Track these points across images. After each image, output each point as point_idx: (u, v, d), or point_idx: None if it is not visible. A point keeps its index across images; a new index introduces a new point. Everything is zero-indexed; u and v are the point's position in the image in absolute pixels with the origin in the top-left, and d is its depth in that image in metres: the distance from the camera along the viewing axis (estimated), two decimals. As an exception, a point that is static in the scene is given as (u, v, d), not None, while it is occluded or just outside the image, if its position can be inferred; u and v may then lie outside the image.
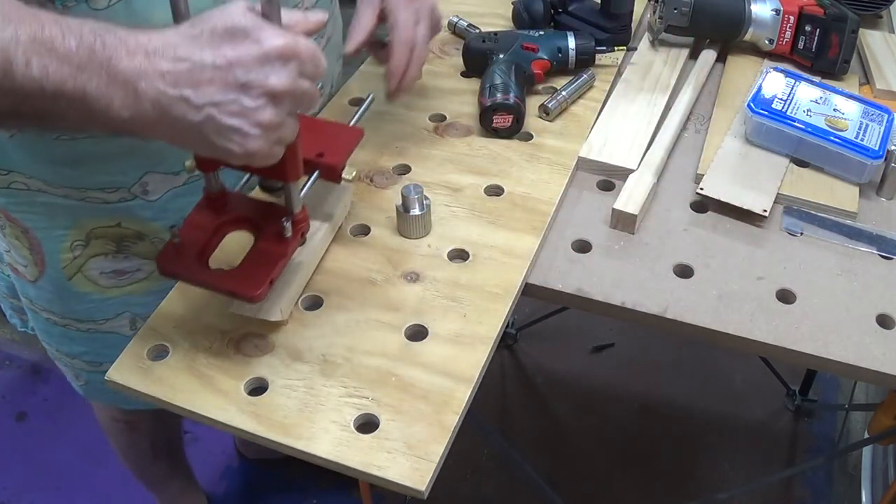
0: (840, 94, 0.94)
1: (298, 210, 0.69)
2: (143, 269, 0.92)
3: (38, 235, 0.88)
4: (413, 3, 0.82)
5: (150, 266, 0.92)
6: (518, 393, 1.82)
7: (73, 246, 0.88)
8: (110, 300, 0.94)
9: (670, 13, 1.03)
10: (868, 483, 1.50)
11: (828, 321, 0.74)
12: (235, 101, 0.54)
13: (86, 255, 0.89)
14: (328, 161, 0.73)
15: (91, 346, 0.98)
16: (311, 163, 0.72)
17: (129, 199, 0.85)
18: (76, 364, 1.02)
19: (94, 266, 0.90)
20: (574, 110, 0.99)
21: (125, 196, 0.84)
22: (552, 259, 0.81)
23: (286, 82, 0.55)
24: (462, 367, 0.68)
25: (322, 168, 0.74)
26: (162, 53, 0.54)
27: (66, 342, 0.99)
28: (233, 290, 0.65)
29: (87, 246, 0.88)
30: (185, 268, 0.67)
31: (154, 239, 0.89)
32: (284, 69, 0.55)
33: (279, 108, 0.56)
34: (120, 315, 0.95)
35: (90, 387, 1.06)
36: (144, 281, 0.93)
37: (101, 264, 0.90)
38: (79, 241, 0.88)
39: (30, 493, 1.66)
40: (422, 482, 0.60)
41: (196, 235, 0.68)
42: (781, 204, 0.87)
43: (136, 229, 0.88)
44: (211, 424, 0.66)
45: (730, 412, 1.73)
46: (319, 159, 0.73)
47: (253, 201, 0.74)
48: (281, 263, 0.67)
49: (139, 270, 0.92)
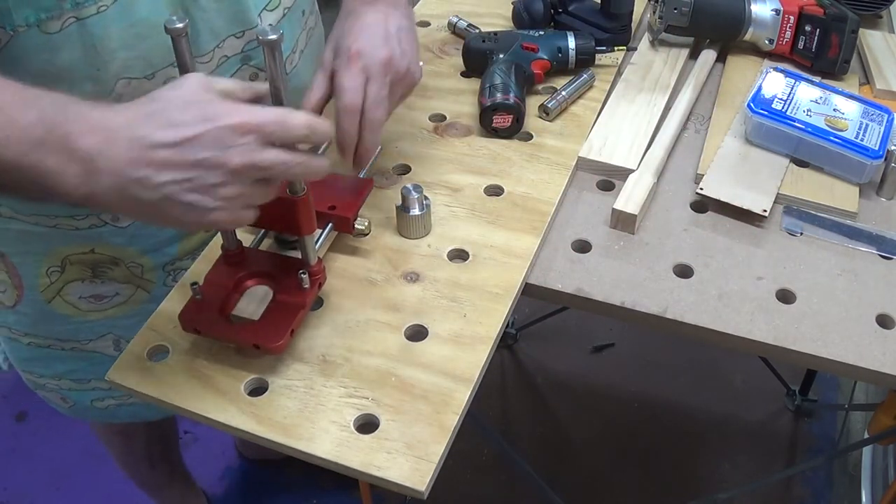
0: (840, 94, 0.94)
1: (314, 262, 0.70)
2: (122, 294, 0.91)
3: (14, 261, 0.87)
4: (359, 60, 0.72)
5: (129, 290, 0.91)
6: (518, 393, 1.82)
7: (49, 271, 0.87)
8: (92, 322, 0.93)
9: (670, 13, 1.03)
10: (868, 483, 1.49)
11: (828, 321, 0.74)
12: (193, 179, 0.54)
13: (63, 280, 0.88)
14: (340, 213, 0.76)
15: (76, 364, 0.97)
16: (323, 215, 0.75)
17: (100, 226, 0.84)
18: (63, 385, 1.01)
19: (72, 291, 0.89)
20: (574, 110, 0.99)
21: (95, 223, 0.83)
22: (552, 259, 0.81)
23: (244, 157, 0.55)
24: (462, 368, 0.68)
25: (334, 220, 0.76)
26: (120, 132, 0.54)
27: (51, 363, 0.98)
28: (256, 342, 0.67)
29: (63, 272, 0.87)
30: (208, 323, 0.68)
31: (130, 264, 0.88)
32: (242, 144, 0.55)
33: (240, 182, 0.56)
34: (103, 336, 0.95)
35: (78, 407, 1.05)
36: (124, 304, 0.92)
37: (79, 289, 0.89)
38: (54, 267, 0.86)
39: (30, 493, 1.66)
40: (422, 482, 0.60)
41: (217, 291, 0.70)
42: (781, 204, 0.87)
43: (111, 255, 0.87)
44: (211, 424, 0.66)
45: (730, 412, 1.73)
46: (332, 212, 0.76)
47: (269, 255, 0.76)
48: (301, 314, 0.69)
49: (118, 295, 0.91)
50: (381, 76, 0.73)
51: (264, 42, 0.56)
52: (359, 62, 0.72)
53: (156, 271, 0.91)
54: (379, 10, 0.77)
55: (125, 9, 0.70)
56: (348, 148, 0.73)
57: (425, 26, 1.18)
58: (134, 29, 0.71)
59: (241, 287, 0.72)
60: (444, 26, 1.16)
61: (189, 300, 0.70)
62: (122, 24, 0.70)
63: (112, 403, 1.04)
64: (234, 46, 0.81)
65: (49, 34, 0.68)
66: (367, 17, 0.76)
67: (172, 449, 1.42)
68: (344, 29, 0.75)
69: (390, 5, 0.78)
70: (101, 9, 0.68)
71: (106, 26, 0.70)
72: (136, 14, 0.70)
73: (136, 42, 0.71)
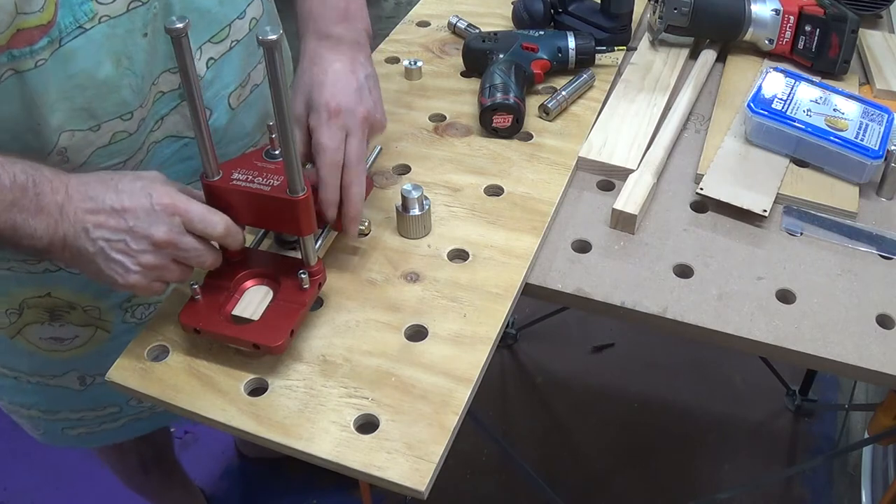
0: (840, 94, 0.94)
1: (314, 262, 0.70)
2: (81, 336, 0.90)
3: None
4: (338, 117, 0.72)
5: (88, 332, 0.90)
6: (518, 393, 1.82)
7: (7, 312, 0.86)
8: (55, 361, 0.92)
9: (670, 13, 1.03)
10: (868, 483, 1.49)
11: (828, 321, 0.74)
12: (122, 241, 0.63)
13: (21, 322, 0.87)
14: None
15: (43, 396, 0.96)
16: (324, 216, 0.74)
17: (54, 270, 0.83)
18: (32, 414, 1.00)
19: (32, 332, 0.89)
20: (574, 110, 0.99)
21: (49, 267, 0.83)
22: (552, 259, 0.81)
23: (166, 234, 0.64)
24: (462, 368, 0.68)
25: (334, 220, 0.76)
26: (77, 191, 0.63)
27: (18, 394, 0.97)
28: (256, 341, 0.67)
29: (21, 314, 0.86)
30: (208, 323, 0.68)
31: (87, 307, 0.87)
32: (167, 223, 0.64)
33: (160, 255, 0.65)
34: (67, 374, 0.94)
35: (49, 436, 1.04)
36: (85, 345, 0.91)
37: (38, 331, 0.88)
38: (13, 310, 0.86)
39: (30, 493, 1.66)
40: (422, 483, 0.60)
41: (216, 291, 0.71)
42: (781, 204, 0.87)
43: (67, 300, 0.86)
44: (211, 425, 0.66)
45: (730, 412, 1.73)
46: None
47: (269, 255, 0.76)
48: (301, 314, 0.69)
49: (77, 337, 0.90)
50: (360, 132, 0.74)
51: (263, 42, 0.56)
52: (339, 120, 0.73)
53: (113, 311, 0.89)
54: (344, 56, 0.77)
55: (63, 61, 0.68)
56: (333, 202, 0.73)
57: (425, 26, 1.18)
58: (73, 80, 0.69)
59: (241, 287, 0.72)
60: (444, 26, 1.16)
61: (189, 300, 0.70)
62: (61, 75, 0.68)
63: (83, 431, 1.02)
64: (170, 82, 0.79)
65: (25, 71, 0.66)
66: (334, 65, 0.76)
67: (166, 455, 1.41)
68: (312, 80, 0.75)
69: (354, 48, 0.78)
70: (39, 63, 0.66)
71: (45, 79, 0.68)
72: (75, 66, 0.69)
73: (76, 93, 0.70)
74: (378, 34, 0.86)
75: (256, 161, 0.70)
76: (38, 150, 0.71)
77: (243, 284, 0.72)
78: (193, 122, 0.65)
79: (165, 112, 0.81)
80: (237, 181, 0.68)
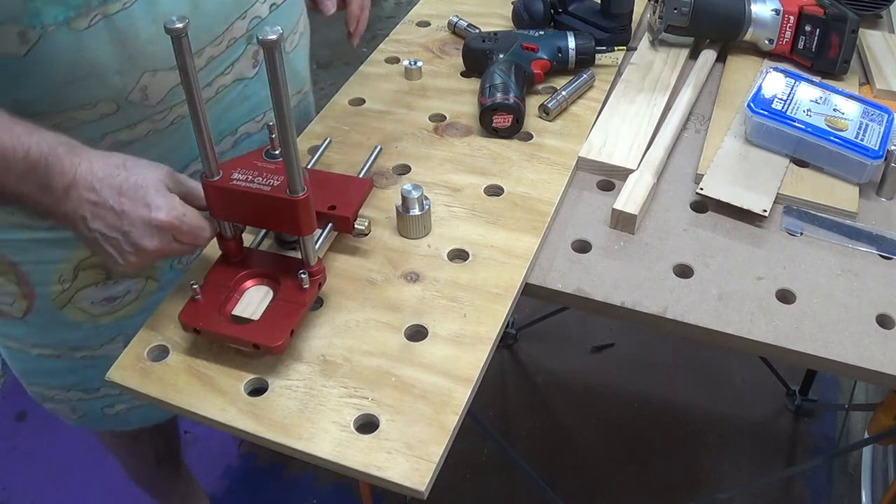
0: (840, 94, 0.94)
1: (314, 262, 0.71)
2: (133, 290, 0.93)
3: (24, 269, 0.88)
4: None
5: (139, 284, 0.92)
6: (518, 393, 1.82)
7: (61, 280, 0.88)
8: (103, 327, 0.94)
9: (670, 13, 1.03)
10: (868, 483, 1.50)
11: (828, 321, 0.74)
12: (114, 239, 0.68)
13: (74, 287, 0.89)
14: (340, 213, 0.77)
15: (87, 373, 0.98)
16: (323, 215, 0.76)
17: None
18: (72, 396, 1.01)
19: (84, 297, 0.90)
20: (574, 110, 0.99)
21: None
22: (552, 259, 0.81)
23: (156, 246, 0.69)
24: (462, 368, 0.68)
25: (334, 220, 0.77)
26: (84, 178, 0.67)
27: (60, 375, 0.99)
28: (256, 341, 0.67)
29: (76, 279, 0.88)
30: (208, 324, 0.69)
31: None
32: (159, 237, 0.68)
33: (145, 258, 0.70)
34: (114, 339, 0.95)
35: (87, 417, 1.05)
36: (135, 301, 0.93)
37: (91, 294, 0.90)
38: (66, 276, 0.88)
39: (30, 493, 1.66)
40: (422, 482, 0.60)
41: (217, 291, 0.71)
42: (781, 204, 0.87)
43: None
44: (211, 425, 0.66)
45: (730, 412, 1.73)
46: (332, 212, 0.76)
47: (269, 255, 0.76)
48: (301, 314, 0.69)
49: (129, 293, 0.92)
50: None
51: (263, 42, 0.56)
52: None
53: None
54: None
55: (149, 4, 0.73)
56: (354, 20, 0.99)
57: (425, 26, 1.18)
58: (158, 23, 0.74)
59: (241, 287, 0.72)
60: (444, 26, 1.16)
61: (189, 300, 0.70)
62: (147, 18, 0.73)
63: (123, 408, 1.04)
64: (240, 28, 0.85)
65: (77, 31, 0.70)
66: None
67: (177, 448, 1.42)
68: None
69: None
70: (126, 5, 0.71)
71: (132, 21, 0.73)
72: (160, 9, 0.74)
73: (160, 36, 0.74)
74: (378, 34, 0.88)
75: (256, 161, 0.70)
76: (121, 90, 0.76)
77: (243, 284, 0.72)
78: (193, 122, 0.65)
79: (236, 57, 0.86)
80: (237, 181, 0.68)
